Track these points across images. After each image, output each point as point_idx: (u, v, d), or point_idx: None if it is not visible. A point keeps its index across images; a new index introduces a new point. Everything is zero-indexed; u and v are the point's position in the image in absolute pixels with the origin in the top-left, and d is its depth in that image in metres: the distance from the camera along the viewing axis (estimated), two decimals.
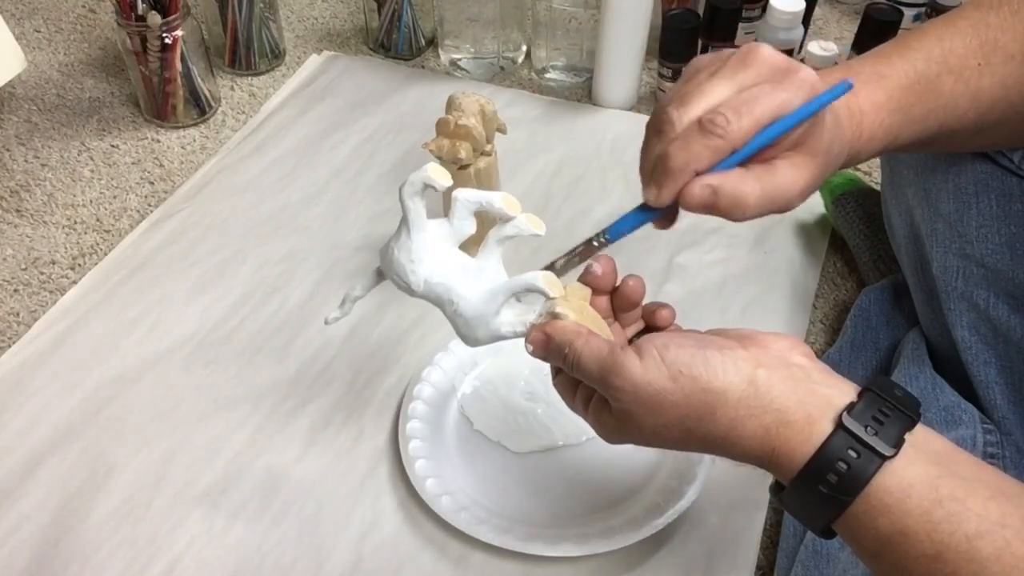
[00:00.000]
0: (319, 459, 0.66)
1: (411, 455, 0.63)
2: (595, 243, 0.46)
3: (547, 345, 0.44)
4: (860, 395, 0.39)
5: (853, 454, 0.36)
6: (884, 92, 0.47)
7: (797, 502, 0.39)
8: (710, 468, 0.61)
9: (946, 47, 0.48)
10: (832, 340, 0.74)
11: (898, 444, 0.37)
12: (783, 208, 0.42)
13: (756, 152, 0.40)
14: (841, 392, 0.39)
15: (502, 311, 0.47)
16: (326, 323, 0.54)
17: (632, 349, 0.41)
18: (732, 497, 0.63)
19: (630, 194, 0.83)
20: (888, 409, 0.38)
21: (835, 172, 0.45)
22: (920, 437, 0.38)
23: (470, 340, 0.48)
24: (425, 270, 0.47)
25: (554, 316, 0.45)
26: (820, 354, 0.72)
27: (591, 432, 0.65)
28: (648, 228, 0.45)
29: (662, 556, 0.60)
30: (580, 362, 0.42)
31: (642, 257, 0.80)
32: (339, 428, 0.68)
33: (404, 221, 0.47)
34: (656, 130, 0.41)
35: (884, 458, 0.36)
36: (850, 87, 0.41)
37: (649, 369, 0.40)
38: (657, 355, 0.40)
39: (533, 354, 0.45)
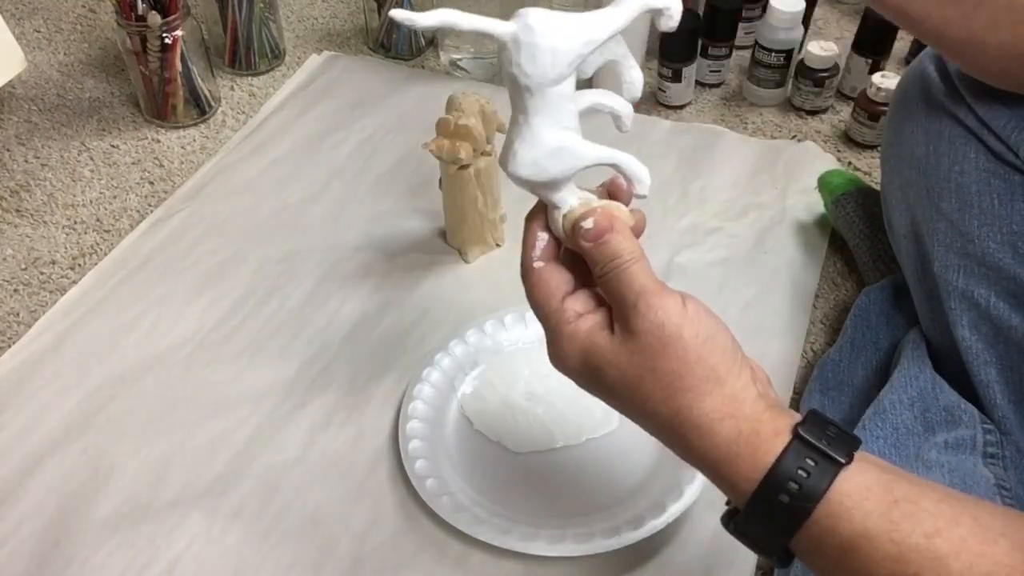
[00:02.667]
0: (319, 459, 0.66)
1: (411, 455, 0.64)
2: None
3: (607, 233, 0.42)
4: (805, 418, 0.40)
5: (811, 462, 0.37)
6: None
7: (757, 519, 0.39)
8: None
9: None
10: (832, 340, 0.74)
11: (849, 456, 0.38)
12: None
13: None
14: (791, 415, 0.40)
15: (569, 184, 0.44)
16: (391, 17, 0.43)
17: (679, 293, 0.42)
18: None
19: None
20: (832, 431, 0.39)
21: None
22: (865, 453, 0.39)
23: (519, 156, 0.43)
24: (546, 60, 0.43)
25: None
26: (820, 354, 0.72)
27: (591, 432, 0.66)
28: (648, 228, 0.45)
29: (662, 556, 0.60)
30: (627, 271, 0.41)
31: None
32: (339, 428, 0.68)
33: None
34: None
35: (840, 464, 0.37)
36: None
37: (689, 309, 0.41)
38: (697, 306, 0.41)
39: (587, 230, 0.42)
